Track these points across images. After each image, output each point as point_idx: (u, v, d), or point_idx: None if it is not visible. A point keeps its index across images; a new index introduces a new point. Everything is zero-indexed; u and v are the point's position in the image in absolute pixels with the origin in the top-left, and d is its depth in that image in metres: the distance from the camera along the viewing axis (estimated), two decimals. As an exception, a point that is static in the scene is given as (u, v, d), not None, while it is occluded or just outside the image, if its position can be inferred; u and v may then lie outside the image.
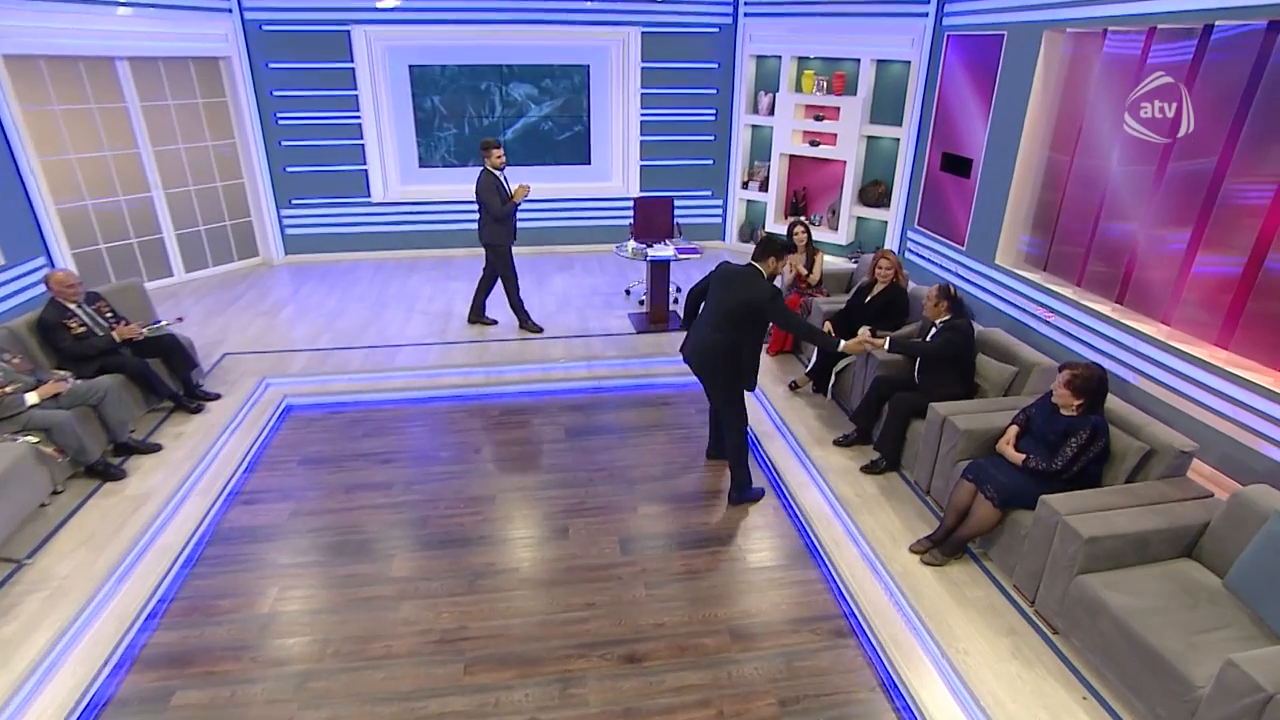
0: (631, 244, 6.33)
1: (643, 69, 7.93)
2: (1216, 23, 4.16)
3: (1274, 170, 3.95)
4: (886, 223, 7.73)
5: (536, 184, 8.08)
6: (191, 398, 5.12)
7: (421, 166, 8.11)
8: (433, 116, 7.92)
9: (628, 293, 7.33)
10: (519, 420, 5.21)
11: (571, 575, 3.70)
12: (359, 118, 7.72)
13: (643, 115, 8.14)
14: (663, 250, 6.25)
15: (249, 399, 5.27)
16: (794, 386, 5.35)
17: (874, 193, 7.72)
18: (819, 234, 8.15)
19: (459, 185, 8.17)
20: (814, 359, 5.24)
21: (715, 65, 8.07)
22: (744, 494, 4.22)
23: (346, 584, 3.62)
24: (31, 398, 4.14)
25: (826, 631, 3.37)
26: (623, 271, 8.01)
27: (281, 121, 7.63)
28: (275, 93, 7.50)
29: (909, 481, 4.37)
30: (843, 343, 4.03)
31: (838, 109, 7.51)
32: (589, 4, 7.55)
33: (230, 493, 4.31)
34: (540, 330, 6.38)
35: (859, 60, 7.30)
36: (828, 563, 3.80)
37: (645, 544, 3.96)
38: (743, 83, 8.06)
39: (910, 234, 7.42)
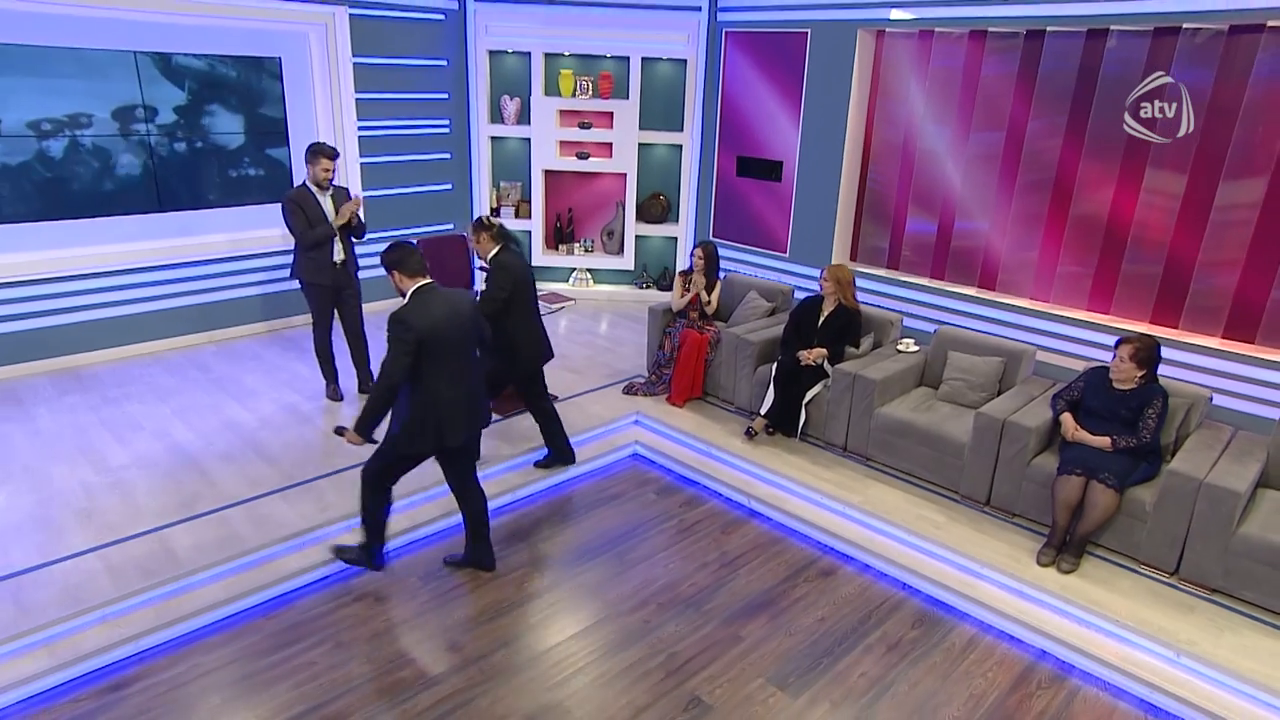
0: (483, 298, 5.42)
1: (355, 67, 6.82)
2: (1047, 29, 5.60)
3: (1108, 170, 5.50)
4: (675, 239, 8.16)
5: (212, 236, 6.43)
6: None
7: (-3, 224, 5.55)
8: (3, 134, 5.46)
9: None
10: (453, 571, 4.15)
11: None
12: None
13: (361, 130, 7.00)
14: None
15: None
16: (750, 434, 5.30)
17: (655, 207, 8.08)
18: (595, 260, 8.22)
19: (83, 249, 5.88)
20: (771, 395, 5.28)
21: (444, 63, 7.41)
22: None
23: None
24: None
25: (1066, 693, 3.52)
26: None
27: None
28: None
29: (945, 493, 4.75)
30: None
31: (610, 114, 7.64)
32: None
33: None
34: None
35: (626, 59, 7.55)
36: (976, 614, 3.95)
37: (795, 667, 3.59)
38: (480, 85, 7.58)
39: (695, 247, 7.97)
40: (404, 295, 3.60)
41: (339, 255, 5.32)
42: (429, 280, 3.63)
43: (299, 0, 6.39)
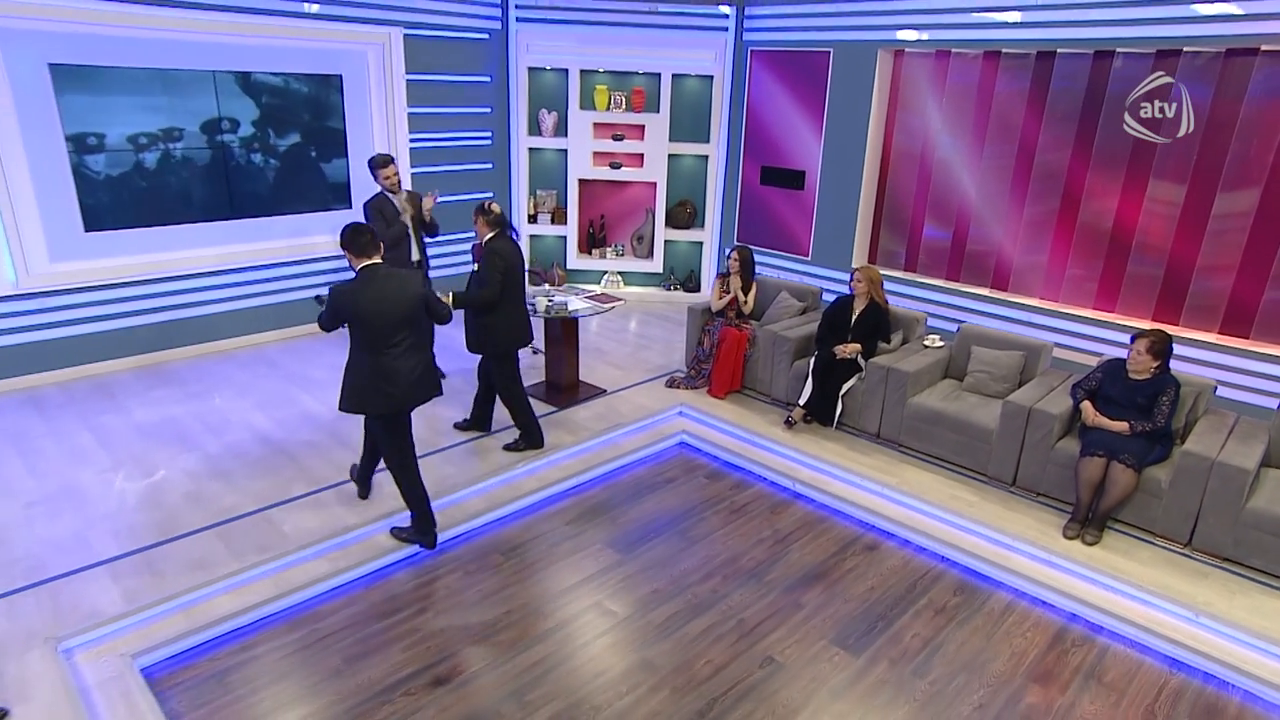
0: (545, 299, 5.66)
1: (408, 83, 7.05)
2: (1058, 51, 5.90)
3: (1113, 181, 5.80)
4: (701, 244, 8.43)
5: (278, 241, 6.66)
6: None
7: (91, 230, 5.73)
8: (102, 149, 5.67)
9: (483, 364, 6.47)
10: (530, 547, 4.39)
11: (855, 702, 3.41)
12: (-46, 154, 5.11)
13: (411, 141, 7.23)
14: (577, 303, 5.76)
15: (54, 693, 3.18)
16: (790, 423, 5.56)
17: (682, 214, 8.34)
18: (625, 263, 8.47)
19: (167, 254, 6.12)
20: (809, 387, 5.54)
21: (488, 79, 7.65)
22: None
23: None
24: None
25: (1097, 650, 3.80)
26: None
27: None
28: None
29: (974, 475, 5.02)
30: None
31: (641, 127, 7.90)
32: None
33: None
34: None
35: (657, 75, 7.81)
36: (1010, 582, 4.23)
37: (853, 631, 3.86)
38: (520, 100, 7.82)
39: (729, 252, 8.24)
40: (355, 272, 3.90)
41: (416, 255, 5.60)
42: (375, 261, 3.88)
43: (359, 22, 6.62)
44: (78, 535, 4.05)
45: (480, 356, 5.15)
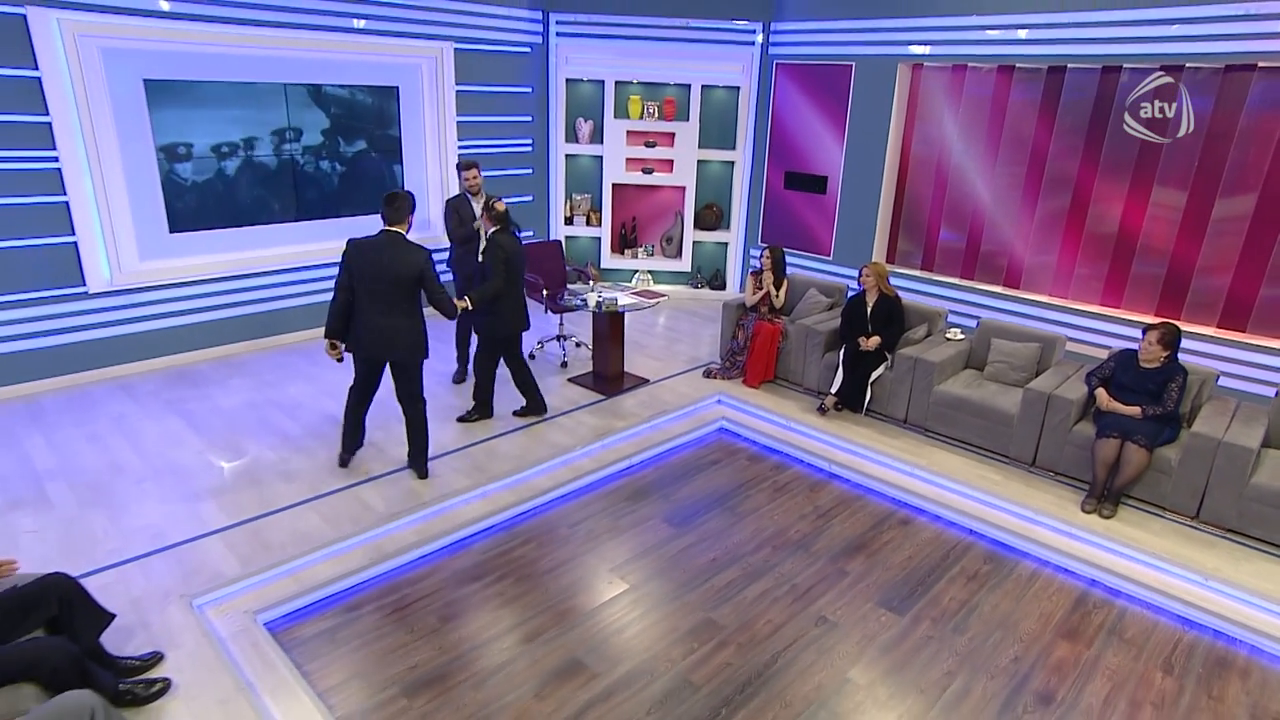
0: (595, 295, 5.94)
1: (457, 94, 7.32)
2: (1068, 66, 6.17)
3: (1119, 185, 6.07)
4: (726, 244, 8.70)
5: (339, 242, 6.82)
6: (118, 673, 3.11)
7: (175, 231, 6.00)
8: (187, 156, 5.94)
9: (532, 356, 6.73)
10: (593, 522, 4.63)
11: (904, 656, 3.68)
12: (56, 160, 5.36)
13: (460, 148, 7.49)
14: (625, 299, 6.04)
15: (199, 647, 3.45)
16: (823, 410, 5.84)
17: (709, 216, 8.61)
18: (655, 263, 8.73)
19: (241, 253, 6.39)
20: (840, 376, 5.82)
21: (529, 90, 7.91)
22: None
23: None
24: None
25: (1117, 611, 4.08)
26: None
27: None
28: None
29: (996, 457, 5.29)
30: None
31: (672, 134, 8.17)
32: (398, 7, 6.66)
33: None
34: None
35: (688, 86, 8.08)
36: (1035, 552, 4.50)
37: (896, 594, 4.13)
38: (559, 109, 8.09)
39: (755, 251, 8.52)
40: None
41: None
42: (395, 229, 4.40)
43: (416, 38, 6.88)
44: (188, 508, 4.32)
45: (506, 356, 5.45)
